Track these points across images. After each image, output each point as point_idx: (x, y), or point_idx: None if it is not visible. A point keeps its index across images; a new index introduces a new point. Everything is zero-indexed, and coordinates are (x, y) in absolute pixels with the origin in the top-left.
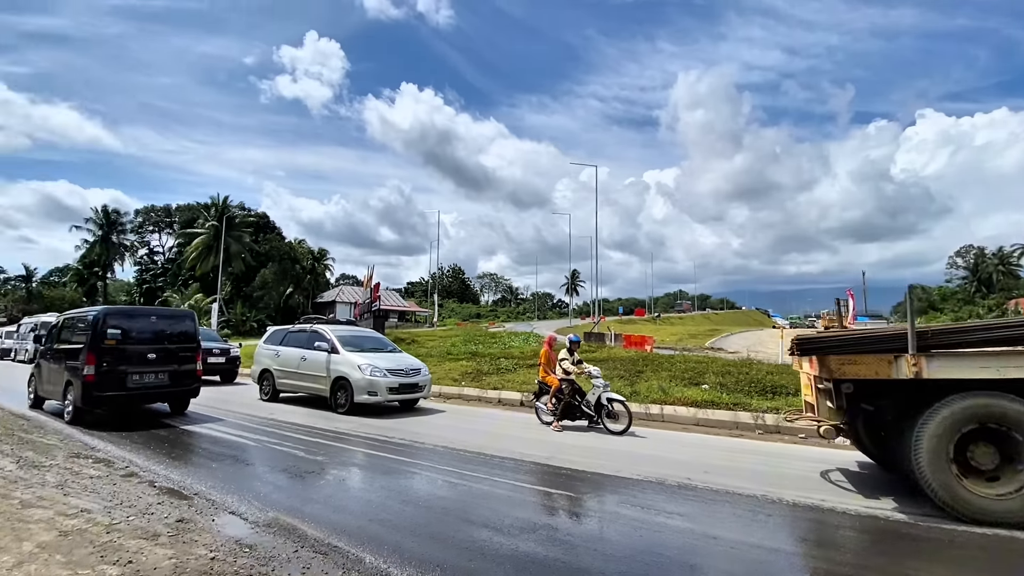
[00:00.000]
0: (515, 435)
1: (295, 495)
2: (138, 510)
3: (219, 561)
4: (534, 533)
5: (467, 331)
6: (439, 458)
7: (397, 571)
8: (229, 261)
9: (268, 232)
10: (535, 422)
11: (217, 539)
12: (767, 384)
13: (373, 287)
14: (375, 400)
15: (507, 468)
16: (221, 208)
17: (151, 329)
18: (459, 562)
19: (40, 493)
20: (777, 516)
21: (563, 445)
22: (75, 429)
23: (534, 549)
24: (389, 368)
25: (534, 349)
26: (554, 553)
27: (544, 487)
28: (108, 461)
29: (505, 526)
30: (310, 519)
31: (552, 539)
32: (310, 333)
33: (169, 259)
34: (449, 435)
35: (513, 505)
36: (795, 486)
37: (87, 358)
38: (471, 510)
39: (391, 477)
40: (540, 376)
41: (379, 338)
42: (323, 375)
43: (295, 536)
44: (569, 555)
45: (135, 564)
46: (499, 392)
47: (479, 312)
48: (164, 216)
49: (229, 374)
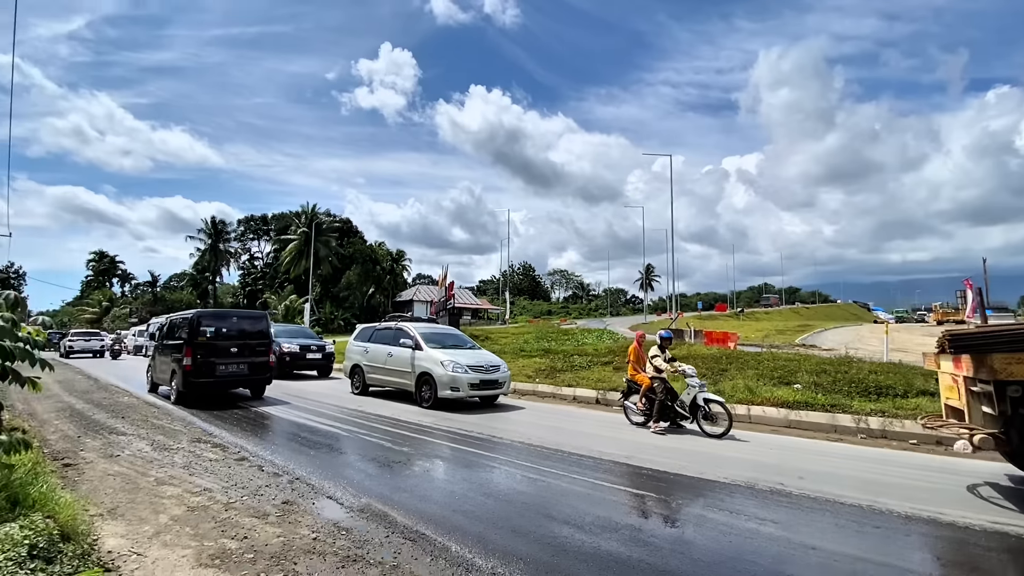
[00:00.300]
0: (592, 432)
1: (384, 483)
2: (250, 491)
3: (320, 542)
4: (616, 532)
5: (539, 328)
6: (517, 453)
7: (481, 561)
8: (318, 264)
9: (351, 236)
10: (612, 419)
11: (317, 521)
12: (870, 384)
13: (448, 286)
14: (457, 395)
15: (585, 466)
16: (310, 215)
17: (234, 328)
18: (541, 556)
19: (171, 472)
20: (887, 528)
21: (642, 444)
22: (186, 412)
23: (617, 549)
24: (470, 364)
25: (608, 346)
26: (638, 554)
27: (624, 487)
28: (223, 446)
29: (586, 524)
30: (399, 506)
31: (635, 539)
32: (395, 330)
33: (267, 263)
34: (527, 431)
35: (593, 503)
36: (908, 497)
37: (186, 351)
38: (551, 506)
39: (472, 470)
40: (629, 374)
41: (459, 335)
42: (408, 371)
43: (386, 522)
44: (654, 557)
45: (250, 540)
46: (574, 389)
47: (550, 309)
48: (262, 224)
49: (325, 369)
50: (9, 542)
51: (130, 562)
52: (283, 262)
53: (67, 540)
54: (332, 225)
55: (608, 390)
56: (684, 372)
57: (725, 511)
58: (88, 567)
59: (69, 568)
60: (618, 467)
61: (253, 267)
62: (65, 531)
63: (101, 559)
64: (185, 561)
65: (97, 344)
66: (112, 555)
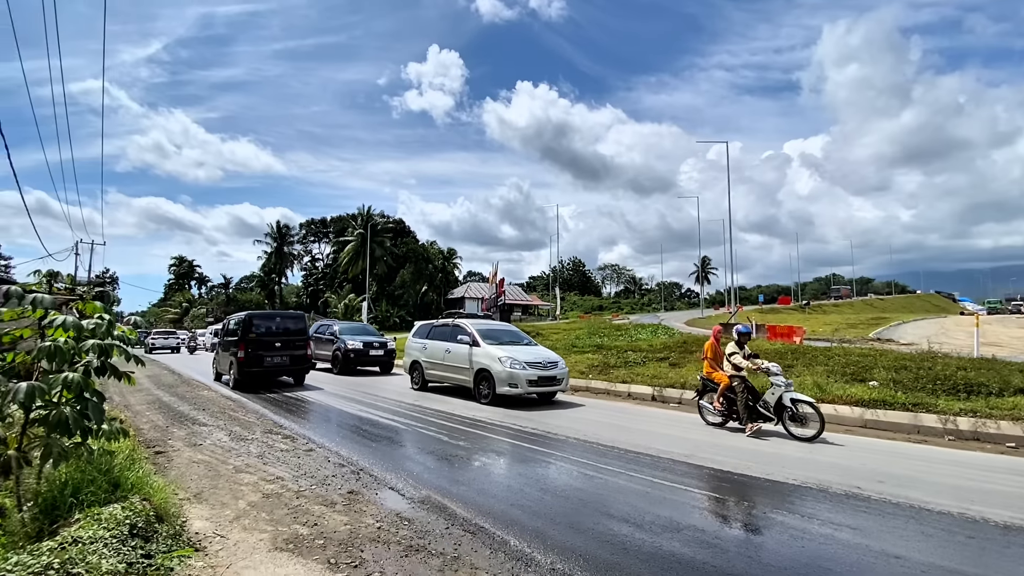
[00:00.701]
0: (651, 430)
1: (443, 476)
2: (318, 480)
3: (384, 531)
4: (678, 533)
5: (590, 323)
6: (574, 450)
7: (541, 557)
8: (374, 264)
9: (404, 236)
10: (671, 417)
11: (381, 511)
12: (959, 382)
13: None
14: (515, 392)
15: (643, 463)
16: (365, 217)
17: (278, 327)
18: (600, 554)
19: (247, 461)
20: (982, 539)
21: (702, 443)
22: (259, 405)
23: (679, 549)
24: (528, 361)
25: (663, 342)
26: (702, 556)
27: (684, 486)
28: (293, 438)
29: (646, 523)
30: (458, 499)
31: (698, 540)
32: (453, 327)
33: (327, 264)
34: (586, 428)
35: (653, 502)
36: (1007, 505)
37: (240, 346)
38: (609, 504)
39: (529, 465)
40: (704, 372)
41: (515, 331)
42: (466, 367)
43: (446, 514)
44: (719, 559)
45: (319, 527)
46: (628, 386)
47: (601, 304)
48: (321, 227)
49: (387, 365)
50: (113, 521)
51: (215, 543)
52: (341, 262)
53: (161, 521)
54: (386, 226)
55: (664, 386)
56: (767, 370)
57: (795, 514)
58: (180, 546)
59: (164, 547)
60: (678, 466)
61: (314, 268)
62: (159, 513)
63: (190, 539)
64: (262, 544)
65: (173, 341)
66: (199, 536)
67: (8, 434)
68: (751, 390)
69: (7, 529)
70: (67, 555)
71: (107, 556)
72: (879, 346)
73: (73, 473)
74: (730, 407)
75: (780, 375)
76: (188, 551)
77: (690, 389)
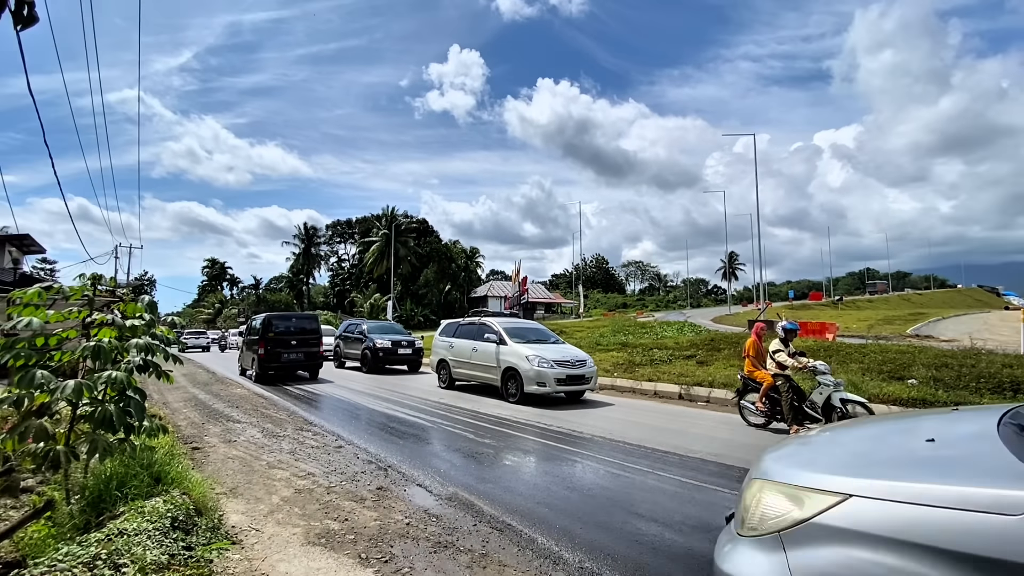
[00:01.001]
0: (680, 429)
1: (469, 474)
2: (347, 477)
3: (413, 527)
4: (708, 533)
5: (614, 321)
6: (600, 448)
7: (568, 555)
8: (398, 263)
9: (427, 236)
10: (699, 416)
11: (409, 507)
12: (1004, 379)
13: (521, 281)
14: (544, 391)
15: (671, 463)
16: (389, 218)
17: (294, 326)
18: (629, 553)
19: (279, 457)
20: None
21: (732, 442)
22: (290, 403)
23: (711, 549)
24: (556, 359)
25: (690, 339)
26: None
27: (714, 486)
28: (323, 434)
29: (675, 522)
30: (484, 497)
31: None
32: (479, 325)
33: (353, 264)
34: (611, 426)
35: (682, 502)
36: None
37: (260, 344)
38: (637, 503)
39: (555, 464)
40: (745, 370)
41: (542, 329)
42: (493, 365)
43: (473, 511)
44: None
45: (350, 522)
46: (654, 384)
47: (625, 302)
48: (347, 228)
49: (415, 364)
50: (156, 514)
51: (250, 537)
52: (367, 263)
53: (199, 515)
54: (410, 226)
55: (692, 385)
56: (815, 368)
57: None
58: (218, 539)
59: (203, 539)
60: (706, 465)
61: (341, 268)
62: (198, 506)
63: (227, 533)
64: (295, 538)
65: (204, 340)
66: (235, 530)
67: (57, 430)
68: (796, 390)
69: (56, 521)
70: (114, 546)
71: (151, 548)
72: (917, 343)
73: (117, 468)
74: (773, 407)
75: (828, 374)
76: (226, 544)
77: (719, 387)
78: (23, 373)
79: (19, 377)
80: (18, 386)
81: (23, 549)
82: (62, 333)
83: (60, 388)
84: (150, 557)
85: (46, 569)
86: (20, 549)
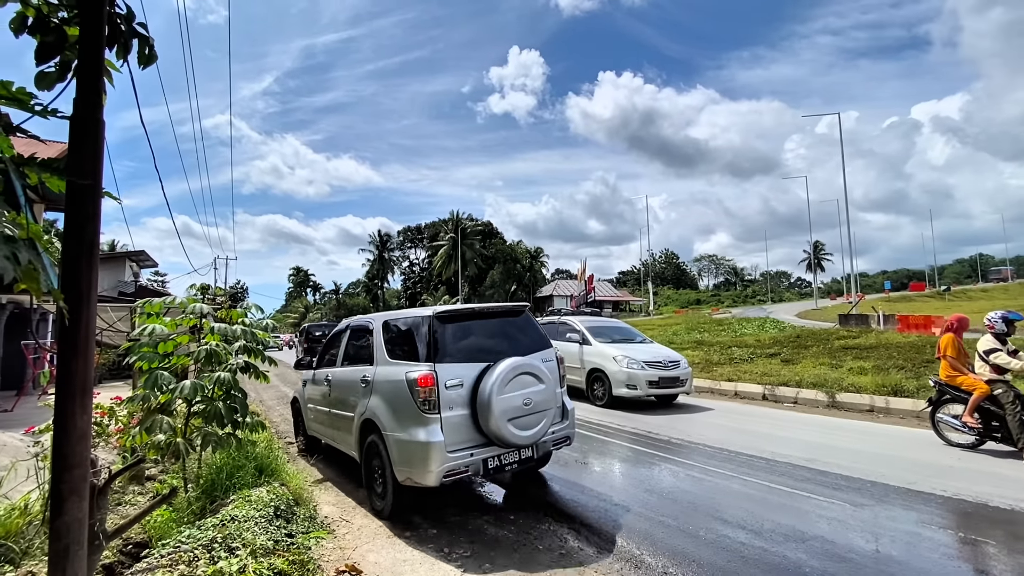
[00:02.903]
0: (765, 432)
1: (544, 474)
2: None
3: (492, 525)
4: (804, 543)
5: (688, 319)
6: (680, 450)
7: (651, 559)
8: (465, 266)
9: (492, 237)
10: (780, 417)
11: (487, 505)
12: None
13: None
14: (634, 394)
15: (758, 467)
16: (456, 222)
17: (328, 331)
18: (716, 560)
19: None
20: None
21: (824, 446)
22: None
23: (806, 561)
24: (647, 360)
25: (773, 336)
26: (833, 569)
27: (807, 492)
28: None
29: (765, 530)
30: (560, 498)
31: (828, 553)
32: (558, 324)
33: (423, 268)
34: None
35: (771, 508)
36: None
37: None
38: (722, 508)
39: (630, 464)
40: (942, 376)
41: (627, 328)
42: (577, 366)
43: (550, 511)
44: None
45: (431, 517)
46: (735, 384)
47: (698, 298)
48: (416, 234)
49: None
50: (261, 503)
51: (342, 527)
52: (435, 266)
53: (297, 505)
54: (475, 228)
55: (777, 385)
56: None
57: (947, 529)
58: (315, 528)
59: (302, 528)
60: (797, 471)
61: (412, 272)
62: (295, 497)
63: (322, 523)
64: (382, 531)
65: (280, 342)
66: (328, 520)
67: (176, 425)
68: (1020, 398)
69: (175, 506)
70: (227, 531)
71: (258, 534)
72: None
73: (226, 459)
74: (989, 423)
75: None
76: (323, 533)
77: (807, 387)
78: (148, 375)
79: (145, 379)
80: (145, 387)
81: (149, 531)
82: (177, 339)
83: (179, 388)
84: (259, 542)
85: (172, 550)
86: (147, 531)
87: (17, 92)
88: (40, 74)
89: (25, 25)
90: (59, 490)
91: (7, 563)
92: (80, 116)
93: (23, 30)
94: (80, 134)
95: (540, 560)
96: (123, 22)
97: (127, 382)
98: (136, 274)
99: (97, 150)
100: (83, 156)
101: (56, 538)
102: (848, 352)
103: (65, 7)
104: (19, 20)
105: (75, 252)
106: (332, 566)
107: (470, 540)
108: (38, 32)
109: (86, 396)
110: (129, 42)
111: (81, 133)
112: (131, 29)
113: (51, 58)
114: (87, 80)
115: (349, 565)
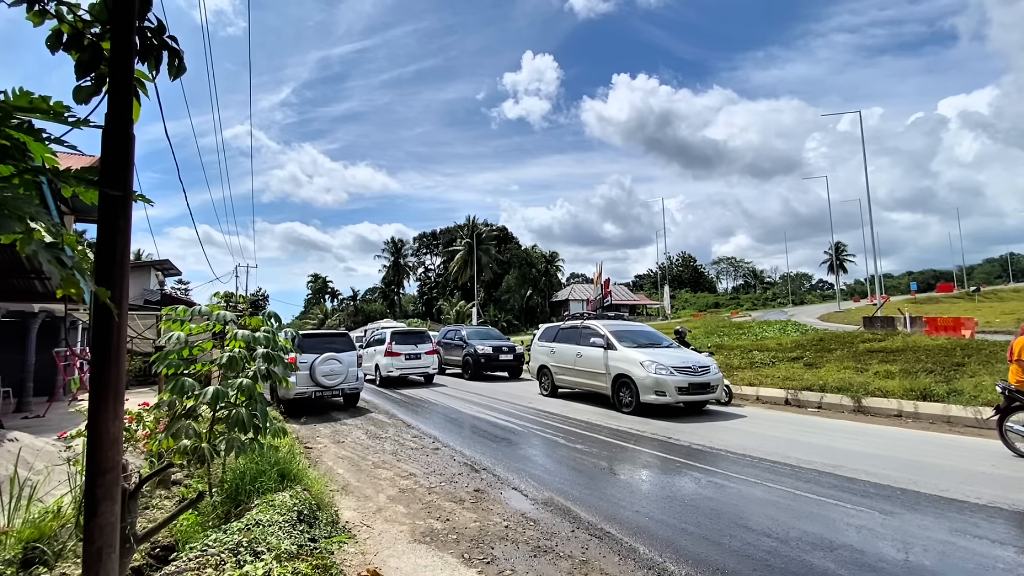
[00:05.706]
0: (788, 438)
1: (564, 479)
2: (446, 478)
3: (511, 529)
4: (832, 552)
5: (706, 322)
6: (702, 456)
7: (674, 567)
8: (481, 271)
9: (508, 242)
10: (804, 422)
11: (507, 510)
12: None
13: (603, 283)
14: (663, 401)
15: (782, 474)
16: (471, 227)
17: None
18: (741, 569)
19: (383, 458)
20: None
21: (849, 452)
22: (390, 406)
23: (835, 570)
24: (676, 366)
25: (795, 340)
26: None
27: (834, 500)
28: (421, 437)
29: (791, 538)
30: (581, 503)
31: (858, 563)
32: (581, 329)
33: (439, 274)
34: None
35: (797, 516)
36: None
37: None
38: (746, 516)
39: (651, 471)
40: (1012, 381)
41: (653, 332)
42: (601, 372)
43: (570, 517)
44: None
45: (451, 522)
46: (756, 389)
47: (717, 301)
48: (432, 239)
49: (515, 371)
50: (284, 507)
51: (363, 532)
52: (451, 271)
53: (319, 509)
54: (490, 234)
55: (800, 389)
56: None
57: (982, 539)
58: (337, 533)
59: (324, 532)
60: (824, 477)
61: (428, 278)
62: (317, 502)
63: (343, 527)
64: (402, 536)
65: None
66: (349, 525)
67: (201, 430)
68: None
69: (200, 510)
70: (252, 535)
71: (283, 538)
72: None
73: (249, 464)
74: None
75: None
76: (344, 538)
77: (832, 392)
78: (174, 381)
79: (171, 385)
80: (170, 392)
81: (176, 535)
82: (201, 344)
83: (203, 394)
84: (283, 547)
85: (199, 553)
86: (174, 535)
87: (55, 106)
88: (77, 88)
89: (60, 42)
90: (93, 494)
91: (42, 564)
92: (112, 128)
93: (59, 47)
94: (112, 146)
95: (562, 567)
96: (154, 35)
97: (153, 388)
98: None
99: (128, 161)
100: (115, 167)
101: (90, 540)
102: (874, 355)
103: (99, 23)
104: (55, 37)
105: (108, 262)
106: (354, 571)
107: (490, 545)
108: (72, 48)
109: (118, 403)
110: (160, 55)
111: (113, 145)
112: (162, 42)
113: (88, 73)
114: (119, 94)
115: (371, 570)
